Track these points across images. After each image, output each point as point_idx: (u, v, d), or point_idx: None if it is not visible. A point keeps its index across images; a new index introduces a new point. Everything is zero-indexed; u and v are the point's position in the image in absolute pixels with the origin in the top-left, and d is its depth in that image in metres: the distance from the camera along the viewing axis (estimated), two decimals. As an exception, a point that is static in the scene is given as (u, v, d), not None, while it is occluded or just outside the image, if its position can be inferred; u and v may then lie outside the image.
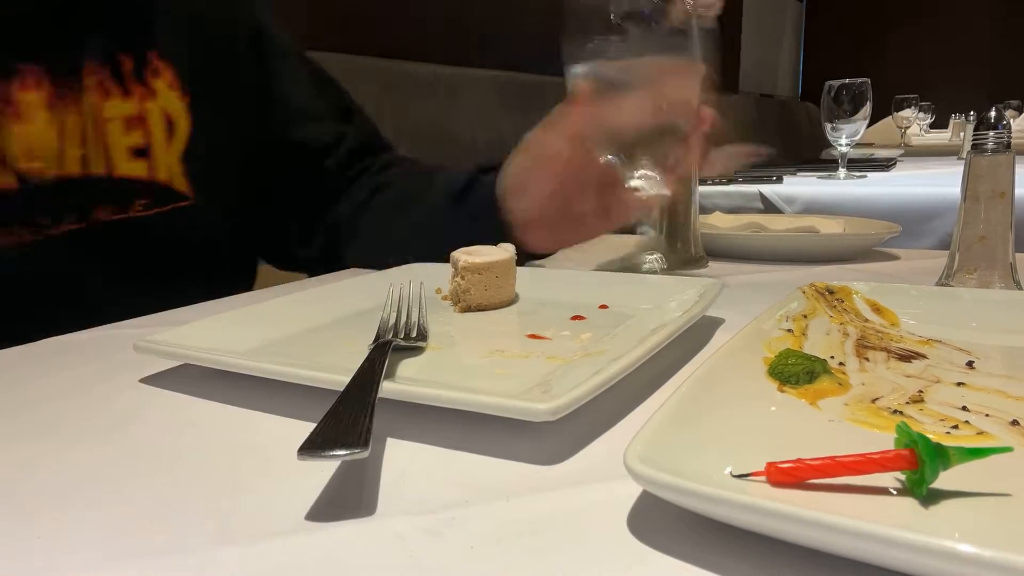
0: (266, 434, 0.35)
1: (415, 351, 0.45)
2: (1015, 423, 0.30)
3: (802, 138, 3.89)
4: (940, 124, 3.30)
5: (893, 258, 0.78)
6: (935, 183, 1.46)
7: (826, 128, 1.84)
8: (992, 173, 0.54)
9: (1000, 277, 0.55)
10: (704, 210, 1.34)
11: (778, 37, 4.52)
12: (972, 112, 2.35)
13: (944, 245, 1.26)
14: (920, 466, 0.24)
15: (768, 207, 1.57)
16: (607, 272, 0.62)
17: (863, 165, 1.99)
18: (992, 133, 0.54)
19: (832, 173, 1.82)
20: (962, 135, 2.30)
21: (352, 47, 1.70)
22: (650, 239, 0.61)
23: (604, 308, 0.54)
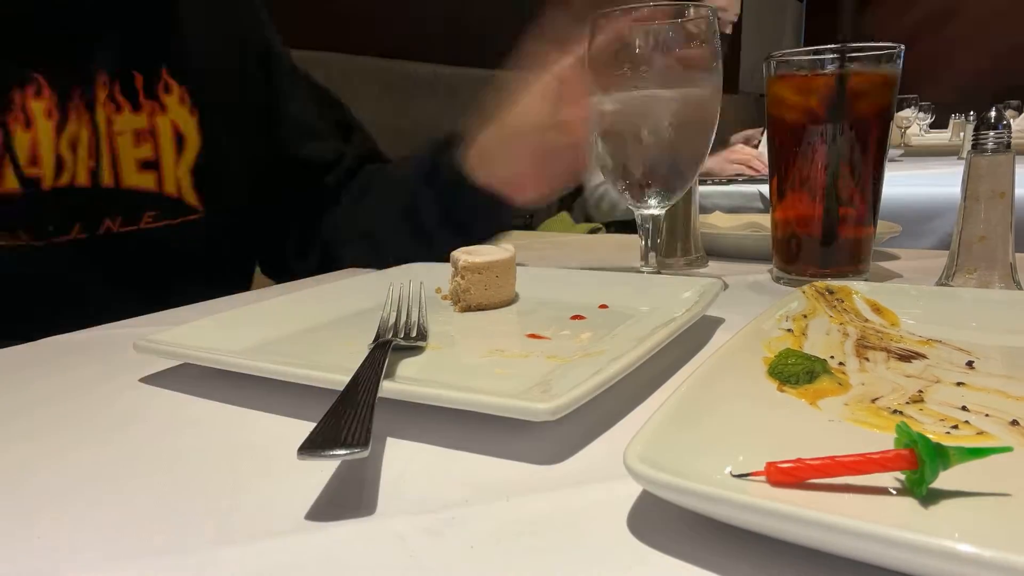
0: (266, 434, 0.35)
1: (415, 351, 0.45)
2: (1015, 423, 0.30)
3: (802, 138, 3.88)
4: (940, 124, 3.30)
5: (893, 258, 0.78)
6: (935, 183, 1.47)
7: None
8: (992, 173, 0.54)
9: (1000, 277, 0.55)
10: (704, 210, 1.34)
11: (778, 37, 4.52)
12: (972, 112, 2.35)
13: (944, 245, 1.26)
14: (920, 466, 0.24)
15: (768, 207, 1.57)
16: (607, 272, 0.62)
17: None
18: (992, 133, 0.54)
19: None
20: (962, 135, 2.30)
21: (352, 47, 1.70)
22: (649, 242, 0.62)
23: (604, 308, 0.54)
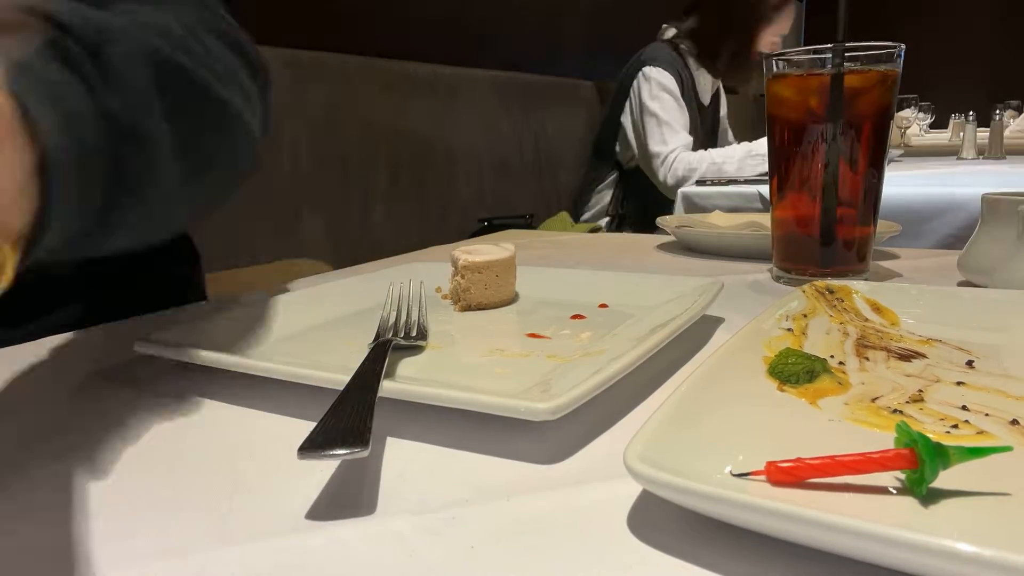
0: (266, 434, 0.35)
1: (415, 350, 0.45)
2: (1015, 422, 0.30)
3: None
4: (940, 124, 3.30)
5: (893, 258, 0.78)
6: (935, 183, 1.46)
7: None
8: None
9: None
10: (704, 210, 1.33)
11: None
12: (972, 112, 2.35)
13: (944, 245, 1.26)
14: (920, 465, 0.24)
15: (768, 207, 1.57)
16: (607, 272, 0.62)
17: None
18: None
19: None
20: (962, 135, 2.30)
21: (352, 47, 1.70)
22: None
23: (604, 307, 0.54)
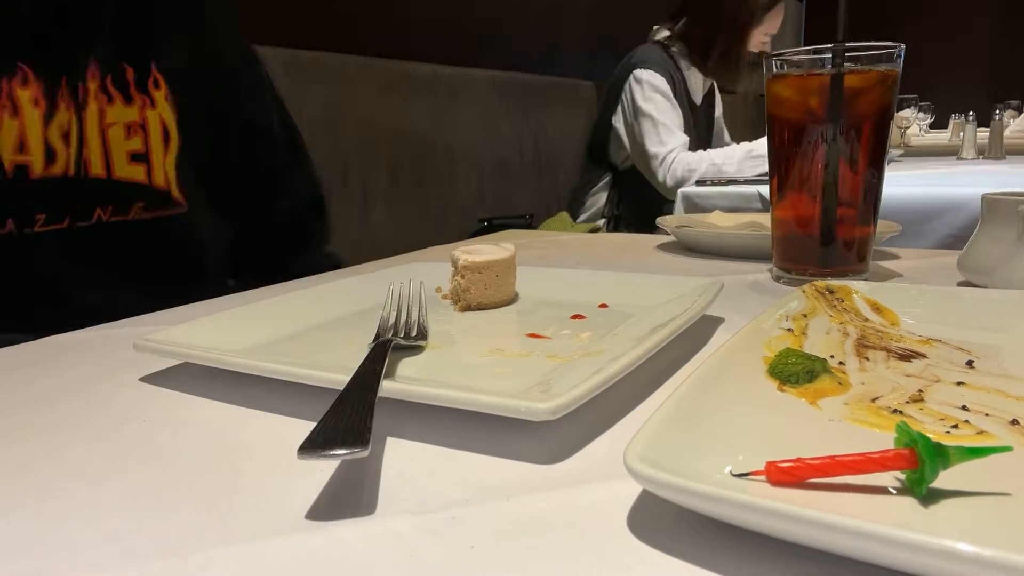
0: (266, 434, 0.35)
1: (415, 350, 0.45)
2: (1015, 423, 0.30)
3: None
4: (940, 124, 3.30)
5: (893, 258, 0.78)
6: (935, 183, 1.46)
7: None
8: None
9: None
10: (704, 210, 1.33)
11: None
12: (972, 112, 2.35)
13: (944, 245, 1.26)
14: (920, 465, 0.24)
15: (768, 207, 1.57)
16: (607, 272, 0.62)
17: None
18: None
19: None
20: (962, 135, 2.30)
21: (352, 47, 1.70)
22: None
23: (604, 307, 0.54)
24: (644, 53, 2.21)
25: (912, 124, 2.88)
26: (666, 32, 2.25)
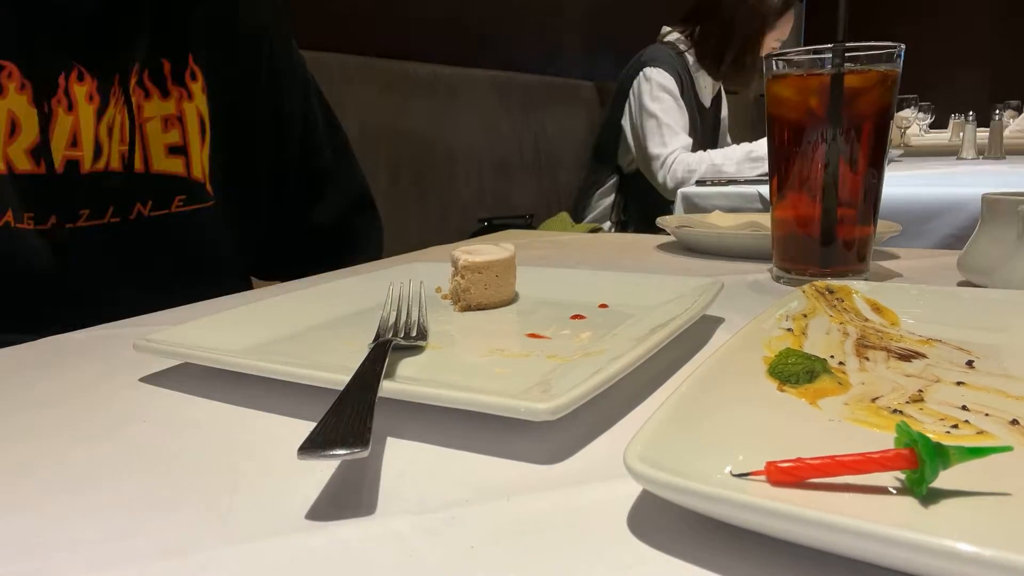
0: (266, 434, 0.35)
1: (415, 350, 0.45)
2: (1015, 423, 0.30)
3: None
4: (940, 124, 3.30)
5: (893, 258, 0.78)
6: (935, 183, 1.46)
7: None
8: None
9: None
10: (704, 210, 1.33)
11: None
12: (972, 112, 2.35)
13: (944, 245, 1.26)
14: (920, 465, 0.24)
15: (768, 207, 1.57)
16: (607, 272, 0.62)
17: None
18: None
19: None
20: (962, 135, 2.30)
21: (352, 47, 1.70)
22: None
23: (604, 307, 0.54)
24: (654, 52, 2.20)
25: (912, 124, 2.88)
26: (676, 35, 2.25)
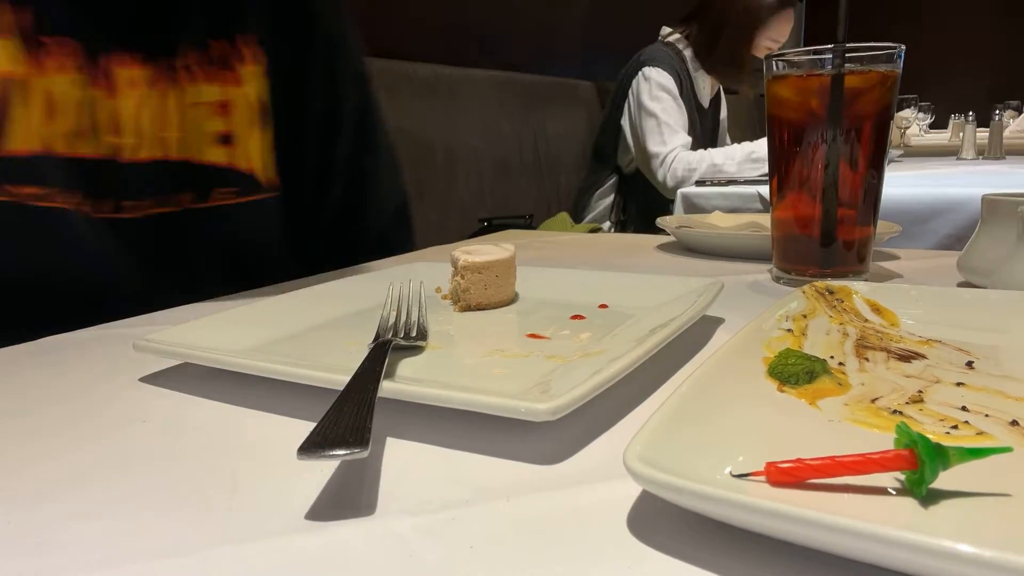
0: (266, 434, 0.35)
1: (415, 350, 0.45)
2: (1015, 423, 0.30)
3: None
4: (940, 124, 3.30)
5: (893, 258, 0.78)
6: (935, 183, 1.46)
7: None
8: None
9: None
10: (703, 210, 1.33)
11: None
12: (972, 112, 2.35)
13: (944, 245, 1.26)
14: (920, 466, 0.24)
15: (768, 207, 1.57)
16: (607, 272, 0.62)
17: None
18: None
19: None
20: (961, 135, 2.30)
21: (352, 47, 1.69)
22: None
23: (604, 308, 0.54)
24: (652, 52, 2.21)
25: (912, 124, 2.88)
26: (676, 35, 2.25)
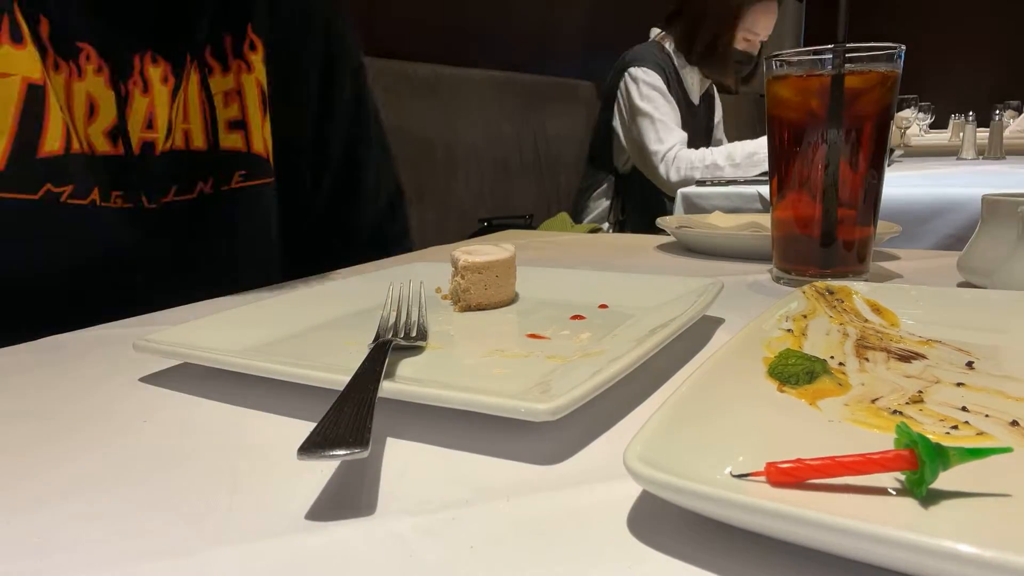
0: (266, 434, 0.35)
1: (415, 350, 0.45)
2: (1015, 423, 0.30)
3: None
4: (940, 124, 3.30)
5: (893, 258, 0.78)
6: (935, 183, 1.46)
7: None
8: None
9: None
10: (704, 210, 1.33)
11: (778, 37, 4.52)
12: (972, 112, 2.35)
13: (944, 245, 1.26)
14: (920, 466, 0.24)
15: (768, 207, 1.57)
16: (607, 272, 0.62)
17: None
18: None
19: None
20: (962, 135, 2.30)
21: (352, 47, 1.69)
22: None
23: (604, 308, 0.54)
24: (637, 51, 2.22)
25: (912, 124, 2.88)
26: (662, 33, 2.27)
